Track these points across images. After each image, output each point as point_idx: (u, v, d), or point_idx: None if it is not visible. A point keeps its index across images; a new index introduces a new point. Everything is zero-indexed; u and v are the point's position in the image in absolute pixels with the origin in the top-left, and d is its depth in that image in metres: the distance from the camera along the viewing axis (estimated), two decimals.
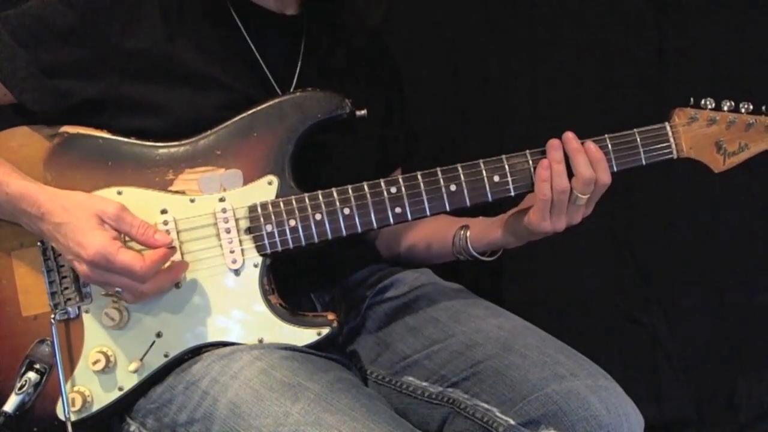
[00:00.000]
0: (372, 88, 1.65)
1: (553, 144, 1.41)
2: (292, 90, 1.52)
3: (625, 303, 2.26)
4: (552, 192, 1.40)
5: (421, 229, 1.68)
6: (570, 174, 1.40)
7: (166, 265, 1.34)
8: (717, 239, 2.23)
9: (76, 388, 1.38)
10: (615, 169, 1.43)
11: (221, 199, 1.40)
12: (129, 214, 1.32)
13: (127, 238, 1.33)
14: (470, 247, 1.55)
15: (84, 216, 1.30)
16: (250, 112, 1.43)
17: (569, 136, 1.42)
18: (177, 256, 1.37)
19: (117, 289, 1.32)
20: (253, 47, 1.52)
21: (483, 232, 1.55)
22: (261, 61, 1.52)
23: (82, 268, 1.29)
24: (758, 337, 2.26)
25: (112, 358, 1.38)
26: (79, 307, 1.39)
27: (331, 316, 1.42)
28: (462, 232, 1.57)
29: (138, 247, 1.33)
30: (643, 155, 1.44)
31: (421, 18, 2.16)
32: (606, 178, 1.41)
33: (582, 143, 1.41)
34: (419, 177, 1.42)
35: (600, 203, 1.45)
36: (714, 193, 2.16)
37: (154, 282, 1.31)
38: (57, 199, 1.32)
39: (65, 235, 1.29)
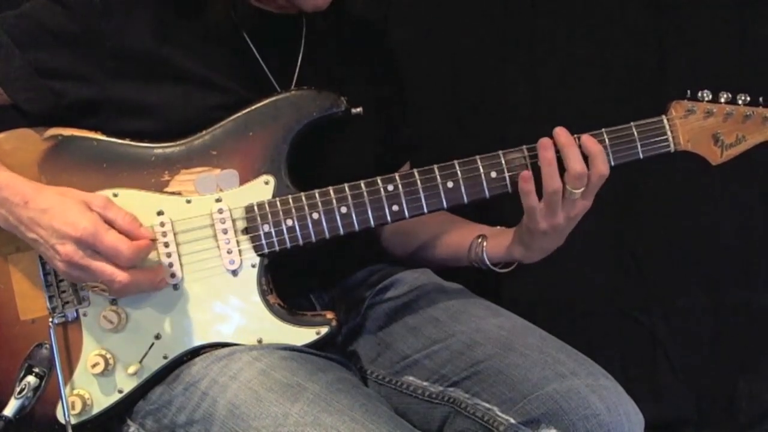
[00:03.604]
0: (372, 86, 1.65)
1: (544, 144, 1.39)
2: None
3: (625, 303, 2.26)
4: (543, 195, 1.39)
5: (439, 232, 1.67)
6: (562, 170, 1.38)
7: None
8: (717, 239, 2.23)
9: (75, 392, 1.37)
10: (612, 163, 1.42)
11: (218, 200, 1.39)
12: (115, 205, 1.32)
13: None
14: (486, 258, 1.54)
15: (72, 201, 1.29)
16: (244, 111, 1.42)
17: (559, 131, 1.40)
18: (174, 258, 1.38)
19: (93, 284, 1.30)
20: (253, 48, 1.51)
21: (500, 244, 1.53)
22: (261, 62, 1.52)
23: (65, 249, 1.27)
24: (758, 337, 2.25)
25: (111, 361, 1.37)
26: (77, 311, 1.38)
27: (329, 315, 1.42)
28: (479, 240, 1.56)
29: None
30: (640, 149, 1.43)
31: (421, 18, 2.16)
32: (604, 169, 1.39)
33: (578, 137, 1.40)
34: (416, 174, 1.41)
35: (600, 203, 1.44)
36: (714, 193, 2.16)
37: (134, 277, 1.30)
38: (43, 189, 1.32)
39: (52, 217, 1.28)
